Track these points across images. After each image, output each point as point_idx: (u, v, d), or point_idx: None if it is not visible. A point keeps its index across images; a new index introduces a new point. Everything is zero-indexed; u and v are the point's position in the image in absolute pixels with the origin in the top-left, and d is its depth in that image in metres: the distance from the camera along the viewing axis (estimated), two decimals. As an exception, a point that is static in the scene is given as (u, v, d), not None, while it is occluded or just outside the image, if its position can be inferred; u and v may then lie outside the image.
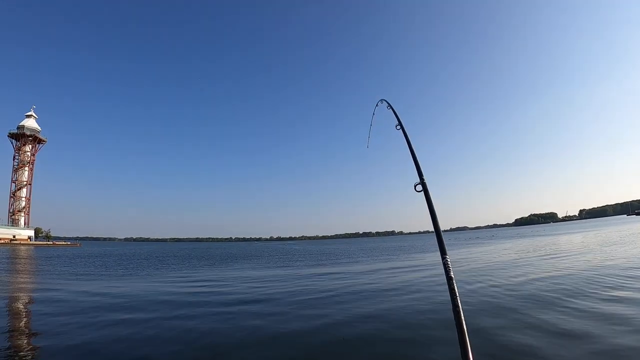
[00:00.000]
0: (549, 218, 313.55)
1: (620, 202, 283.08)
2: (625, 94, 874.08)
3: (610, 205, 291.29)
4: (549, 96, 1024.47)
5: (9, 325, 6.97)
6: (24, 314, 8.37)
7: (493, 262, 16.44)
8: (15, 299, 10.53)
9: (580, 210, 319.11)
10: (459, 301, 1.18)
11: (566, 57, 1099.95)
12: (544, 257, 16.75)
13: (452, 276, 1.29)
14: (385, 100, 3.00)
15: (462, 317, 1.08)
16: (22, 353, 5.16)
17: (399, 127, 2.54)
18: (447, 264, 1.42)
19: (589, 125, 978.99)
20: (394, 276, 13.38)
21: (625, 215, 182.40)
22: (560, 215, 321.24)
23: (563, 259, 15.17)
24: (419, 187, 1.93)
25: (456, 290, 1.21)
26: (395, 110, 2.69)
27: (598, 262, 13.21)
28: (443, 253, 1.46)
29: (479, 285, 9.68)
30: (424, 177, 2.03)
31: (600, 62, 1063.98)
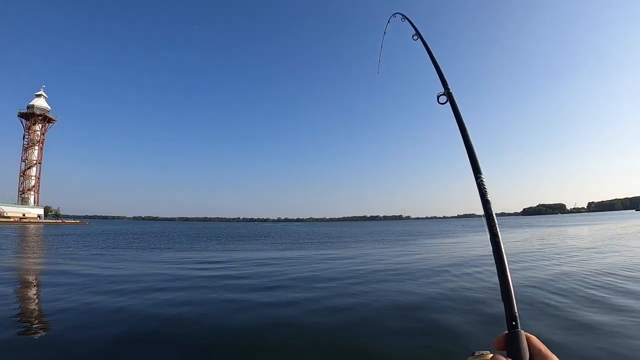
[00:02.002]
0: (557, 209, 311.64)
1: (630, 196, 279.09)
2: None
3: (619, 199, 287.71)
4: (566, 87, 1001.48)
5: (25, 301, 7.36)
6: (43, 291, 8.45)
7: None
8: (34, 276, 10.64)
9: (589, 203, 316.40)
10: (498, 229, 0.99)
11: (587, 48, 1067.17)
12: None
13: (489, 199, 1.07)
14: (400, 13, 2.34)
15: (502, 247, 0.94)
16: (38, 327, 5.45)
17: (416, 37, 1.93)
18: (483, 184, 1.15)
19: (605, 120, 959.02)
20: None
21: (634, 210, 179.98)
22: (568, 207, 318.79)
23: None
24: (443, 99, 1.46)
25: (494, 216, 1.03)
26: (412, 22, 2.08)
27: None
28: (477, 172, 1.17)
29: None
30: (449, 86, 1.49)
31: (621, 55, 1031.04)
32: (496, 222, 1.01)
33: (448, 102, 1.27)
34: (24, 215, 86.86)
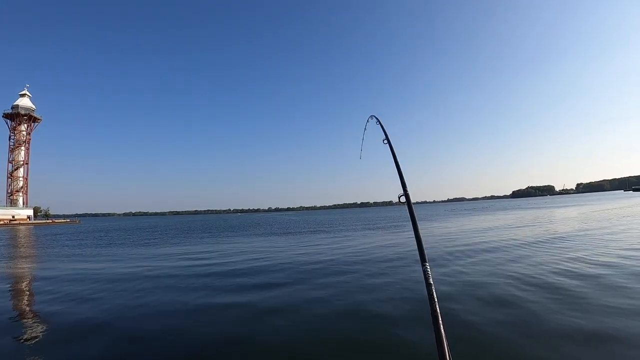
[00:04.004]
0: (546, 191, 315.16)
1: (618, 177, 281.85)
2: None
3: (607, 180, 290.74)
4: (557, 67, 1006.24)
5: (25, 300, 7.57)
6: (48, 291, 8.18)
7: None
8: (35, 278, 10.62)
9: (578, 184, 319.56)
10: (437, 307, 1.19)
11: (578, 24, 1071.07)
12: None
13: (432, 282, 1.33)
14: (375, 116, 3.08)
15: (441, 323, 1.09)
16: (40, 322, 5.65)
17: (386, 141, 2.67)
18: (427, 271, 1.42)
19: (593, 101, 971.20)
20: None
21: (622, 191, 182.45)
22: (557, 189, 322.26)
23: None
24: (403, 199, 2.11)
25: (435, 296, 1.24)
26: (383, 125, 2.82)
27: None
28: (423, 260, 1.48)
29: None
30: (407, 188, 2.20)
31: (615, 32, 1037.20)
32: (436, 301, 1.19)
33: (406, 203, 2.06)
34: (13, 217, 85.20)
